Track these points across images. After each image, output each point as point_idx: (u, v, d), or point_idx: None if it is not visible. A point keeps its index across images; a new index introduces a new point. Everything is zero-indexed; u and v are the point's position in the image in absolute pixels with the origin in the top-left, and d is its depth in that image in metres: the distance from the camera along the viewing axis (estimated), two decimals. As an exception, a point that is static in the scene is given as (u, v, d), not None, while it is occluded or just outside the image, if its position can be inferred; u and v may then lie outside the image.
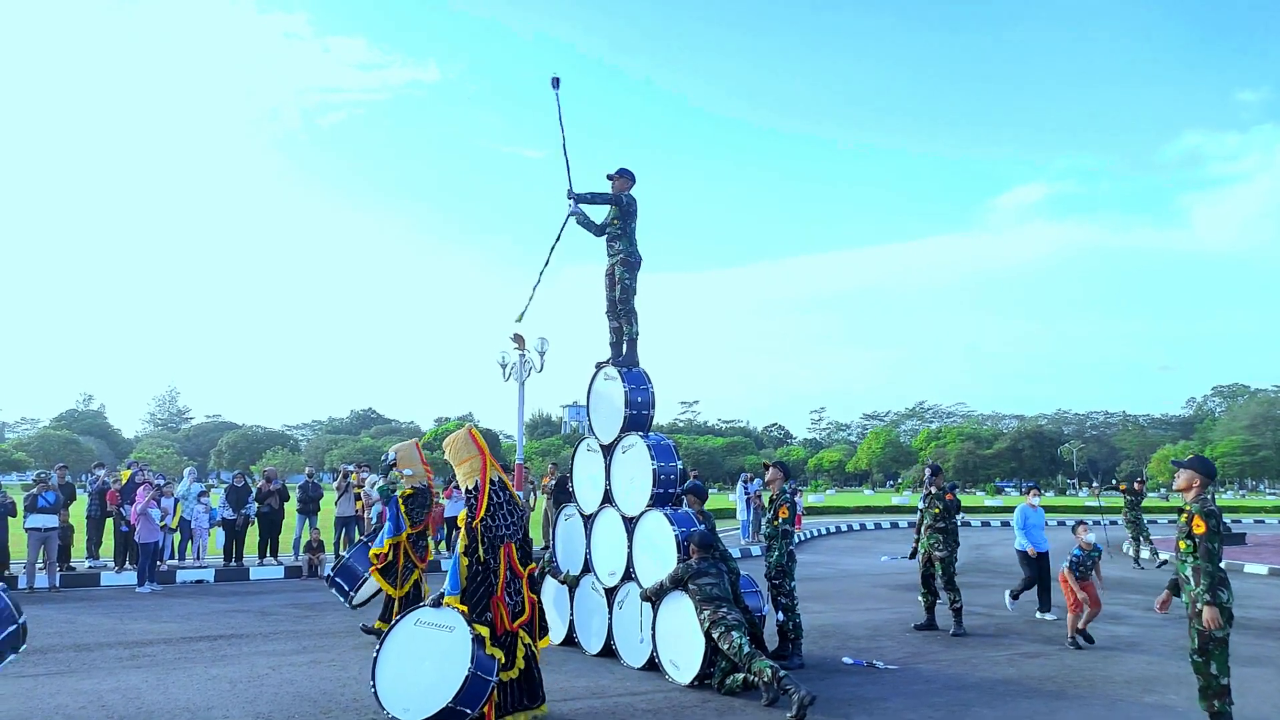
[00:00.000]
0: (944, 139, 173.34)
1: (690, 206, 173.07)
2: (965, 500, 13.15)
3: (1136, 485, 19.03)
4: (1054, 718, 6.75)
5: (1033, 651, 9.26)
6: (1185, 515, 6.07)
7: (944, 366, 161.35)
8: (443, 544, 17.96)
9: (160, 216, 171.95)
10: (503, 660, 6.42)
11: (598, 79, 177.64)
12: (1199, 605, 5.87)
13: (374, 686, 6.24)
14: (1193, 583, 5.94)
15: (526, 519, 7.05)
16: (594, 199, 9.13)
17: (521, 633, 6.63)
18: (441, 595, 6.52)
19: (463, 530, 6.63)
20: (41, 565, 13.23)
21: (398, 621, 6.51)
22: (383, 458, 10.34)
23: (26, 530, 13.09)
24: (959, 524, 10.59)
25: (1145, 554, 17.96)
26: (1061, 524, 25.47)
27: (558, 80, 9.11)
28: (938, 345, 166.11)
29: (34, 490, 13.45)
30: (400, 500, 9.73)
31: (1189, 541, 5.99)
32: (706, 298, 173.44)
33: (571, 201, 9.02)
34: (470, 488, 6.71)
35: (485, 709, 6.26)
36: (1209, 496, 6.06)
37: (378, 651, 6.39)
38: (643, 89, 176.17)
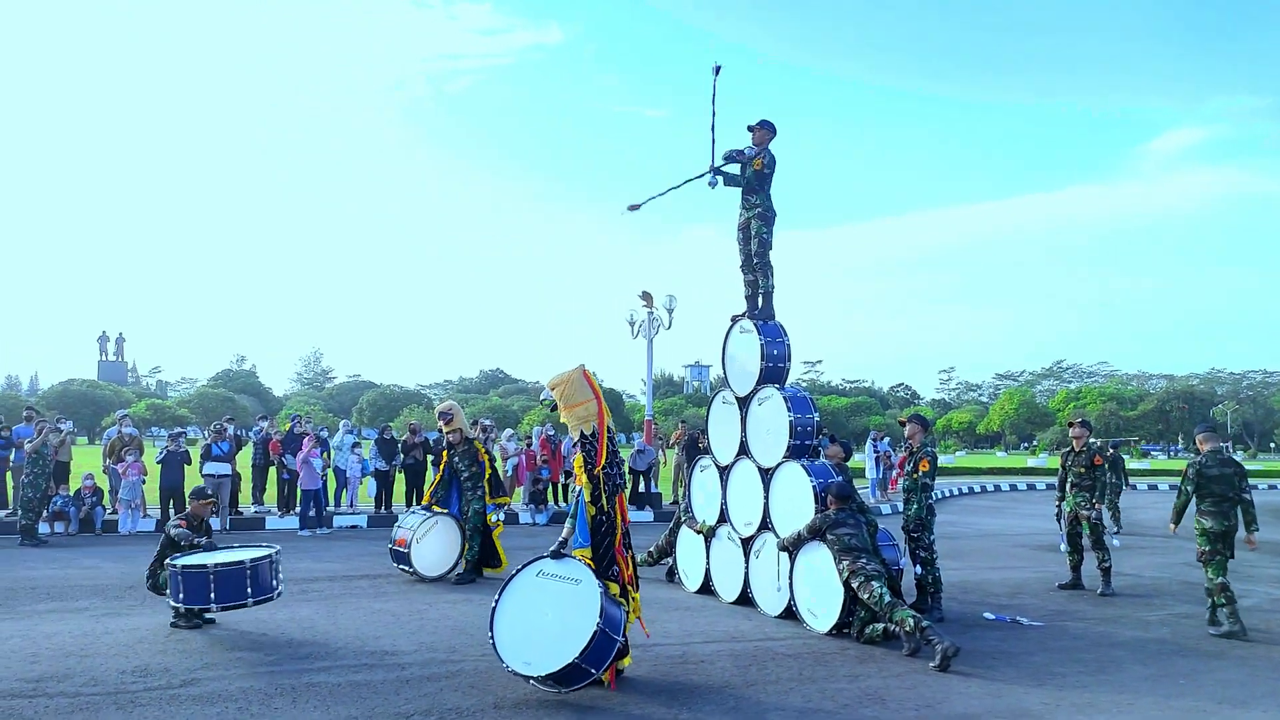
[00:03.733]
0: (1091, 88, 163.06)
1: (811, 164, 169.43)
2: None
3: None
4: (1214, 676, 6.51)
5: (1187, 613, 8.89)
6: None
7: (1085, 323, 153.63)
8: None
9: (302, 190, 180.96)
10: (629, 614, 6.21)
11: (717, 47, 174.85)
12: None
13: (492, 638, 5.90)
14: None
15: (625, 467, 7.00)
16: (729, 180, 9.26)
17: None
18: (562, 544, 6.17)
19: (584, 478, 6.24)
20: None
21: (517, 572, 6.22)
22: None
23: (203, 476, 14.25)
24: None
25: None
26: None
27: (719, 68, 9.25)
28: (1077, 301, 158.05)
29: (209, 440, 14.61)
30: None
31: None
32: (828, 255, 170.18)
33: (711, 174, 9.14)
34: (588, 434, 6.27)
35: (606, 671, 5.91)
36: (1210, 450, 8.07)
37: (496, 602, 6.05)
38: (757, 53, 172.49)
